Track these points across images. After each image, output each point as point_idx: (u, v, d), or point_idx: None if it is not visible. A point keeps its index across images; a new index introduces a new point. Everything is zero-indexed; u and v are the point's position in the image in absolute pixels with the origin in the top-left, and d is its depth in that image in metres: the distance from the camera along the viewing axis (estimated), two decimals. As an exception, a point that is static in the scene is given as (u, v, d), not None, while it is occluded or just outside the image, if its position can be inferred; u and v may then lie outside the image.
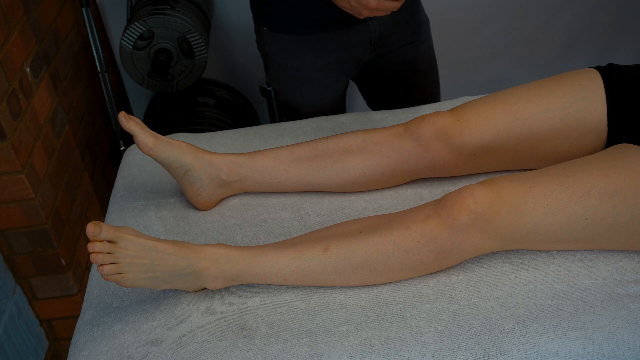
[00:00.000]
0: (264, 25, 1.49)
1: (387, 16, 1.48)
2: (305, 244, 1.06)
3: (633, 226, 1.01)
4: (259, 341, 0.99)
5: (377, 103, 1.70)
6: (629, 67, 1.17)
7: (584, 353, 0.94)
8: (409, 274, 1.05)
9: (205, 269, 1.04)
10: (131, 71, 1.90)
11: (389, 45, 1.54)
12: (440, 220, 1.01)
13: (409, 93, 1.65)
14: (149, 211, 1.30)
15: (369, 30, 1.48)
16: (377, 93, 1.68)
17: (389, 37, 1.52)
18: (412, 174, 1.26)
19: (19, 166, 1.46)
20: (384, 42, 1.53)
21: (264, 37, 1.52)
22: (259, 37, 1.55)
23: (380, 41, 1.51)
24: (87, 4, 1.89)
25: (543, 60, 2.55)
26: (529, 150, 1.19)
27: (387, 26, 1.50)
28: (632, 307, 0.97)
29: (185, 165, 1.21)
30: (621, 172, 1.01)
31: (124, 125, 1.15)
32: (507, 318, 0.98)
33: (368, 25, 1.47)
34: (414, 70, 1.61)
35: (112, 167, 2.25)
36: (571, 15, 2.45)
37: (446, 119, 1.21)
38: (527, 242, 1.04)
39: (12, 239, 1.57)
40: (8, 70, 1.44)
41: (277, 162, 1.27)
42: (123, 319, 1.07)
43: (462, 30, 2.38)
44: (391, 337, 0.98)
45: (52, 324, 1.75)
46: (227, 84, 2.28)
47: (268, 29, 1.49)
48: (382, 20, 1.47)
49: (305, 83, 1.55)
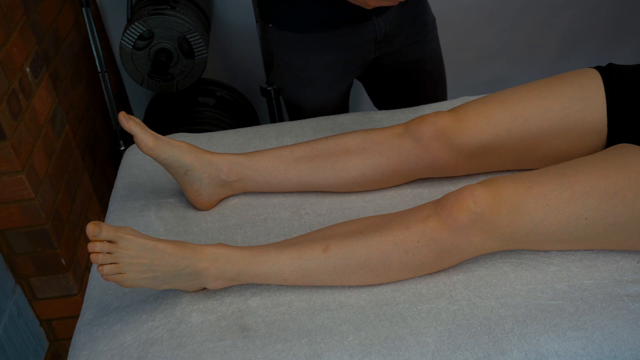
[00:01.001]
0: (270, 23, 1.49)
1: (393, 15, 1.48)
2: (305, 244, 1.06)
3: (633, 226, 1.01)
4: (259, 341, 0.99)
5: (383, 102, 1.70)
6: (629, 67, 1.17)
7: (584, 353, 0.94)
8: (409, 274, 1.05)
9: (205, 269, 1.04)
10: (131, 71, 1.90)
11: (394, 44, 1.54)
12: (440, 220, 1.01)
13: (414, 93, 1.65)
14: (149, 211, 1.30)
15: (374, 29, 1.48)
16: (382, 92, 1.68)
17: (395, 36, 1.52)
18: (412, 174, 1.26)
19: (19, 166, 1.46)
20: (390, 41, 1.52)
21: (270, 34, 1.52)
22: (264, 34, 1.55)
23: (386, 40, 1.51)
24: (87, 4, 1.89)
25: (543, 60, 2.55)
26: (529, 150, 1.19)
27: (392, 25, 1.50)
28: (632, 307, 0.97)
29: (185, 165, 1.21)
30: (621, 172, 1.01)
31: (124, 125, 1.15)
32: (507, 318, 0.98)
33: (374, 24, 1.47)
34: (420, 70, 1.60)
35: (112, 167, 2.25)
36: (571, 15, 2.45)
37: (446, 119, 1.21)
38: (527, 242, 1.04)
39: (12, 239, 1.57)
40: (8, 70, 1.44)
41: (277, 162, 1.27)
42: (123, 319, 1.07)
43: (462, 30, 2.38)
44: (391, 337, 0.98)
45: (52, 324, 1.75)
46: (227, 84, 2.28)
47: (274, 27, 1.49)
48: (388, 19, 1.47)
49: (310, 81, 1.55)
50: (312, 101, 1.59)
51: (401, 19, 1.50)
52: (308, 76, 1.53)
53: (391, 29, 1.50)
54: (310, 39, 1.48)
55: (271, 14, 1.50)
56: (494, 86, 2.51)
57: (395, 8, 1.48)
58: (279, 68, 1.57)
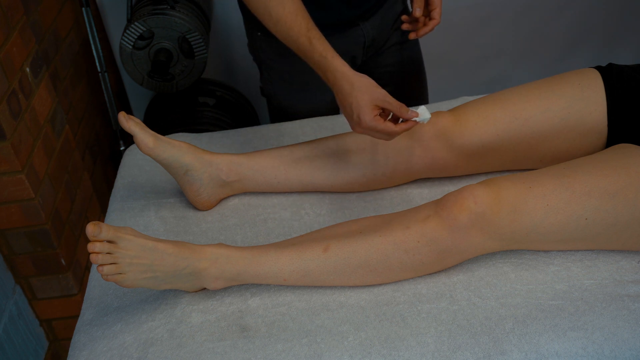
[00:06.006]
0: (258, 31, 1.48)
1: (379, 20, 1.48)
2: (305, 244, 1.06)
3: (633, 226, 1.01)
4: (259, 341, 0.99)
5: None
6: (629, 67, 1.17)
7: (584, 353, 0.94)
8: (409, 274, 1.05)
9: (205, 269, 1.04)
10: (131, 71, 1.90)
11: (379, 47, 1.54)
12: (440, 220, 1.01)
13: (394, 95, 1.64)
14: (149, 211, 1.30)
15: (362, 34, 1.47)
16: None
17: (380, 40, 1.52)
18: (412, 174, 1.26)
19: (19, 166, 1.46)
20: (376, 45, 1.53)
21: (258, 42, 1.51)
22: (253, 42, 1.54)
23: (373, 45, 1.51)
24: (87, 4, 1.89)
25: (543, 60, 2.55)
26: (529, 150, 1.19)
27: (379, 30, 1.50)
28: (633, 307, 0.97)
29: (185, 165, 1.21)
30: (621, 172, 1.01)
31: (123, 125, 1.15)
32: (507, 318, 0.98)
33: (361, 29, 1.47)
34: (400, 72, 1.60)
35: (112, 167, 2.25)
36: (571, 15, 2.45)
37: (446, 119, 1.21)
38: (527, 242, 1.04)
39: (12, 239, 1.57)
40: (8, 70, 1.44)
41: (277, 162, 1.27)
42: (123, 319, 1.07)
43: (462, 30, 2.38)
44: (391, 337, 0.98)
45: (52, 324, 1.75)
46: (227, 84, 2.28)
47: (262, 34, 1.48)
48: (375, 24, 1.47)
49: (301, 87, 1.54)
50: (305, 107, 1.58)
51: (386, 23, 1.50)
52: (299, 82, 1.52)
53: (378, 34, 1.50)
54: None
55: (258, 21, 1.50)
56: (494, 86, 2.51)
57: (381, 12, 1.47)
58: (269, 76, 1.56)
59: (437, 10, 1.25)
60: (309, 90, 1.54)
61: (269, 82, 1.58)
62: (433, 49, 2.01)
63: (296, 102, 1.57)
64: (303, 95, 1.55)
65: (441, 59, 2.34)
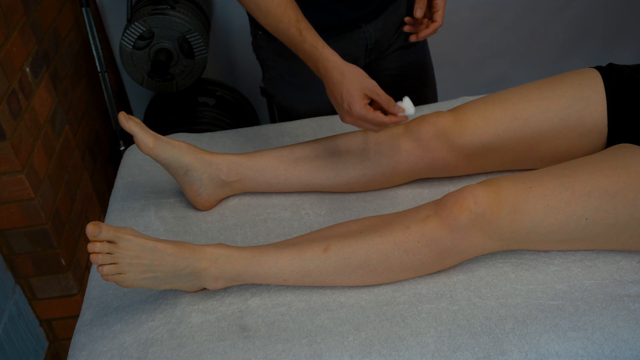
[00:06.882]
0: (260, 30, 1.49)
1: (382, 23, 1.47)
2: (305, 244, 1.06)
3: (633, 226, 1.01)
4: (259, 341, 0.99)
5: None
6: (629, 67, 1.17)
7: (585, 353, 0.94)
8: (409, 274, 1.05)
9: (205, 269, 1.04)
10: (131, 71, 1.90)
11: (382, 50, 1.54)
12: (440, 220, 1.01)
13: (398, 99, 1.63)
14: (149, 211, 1.30)
15: (364, 36, 1.47)
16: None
17: (383, 43, 1.52)
18: (412, 174, 1.26)
19: (19, 166, 1.46)
20: (379, 48, 1.52)
21: (260, 41, 1.51)
22: (255, 41, 1.54)
23: (376, 47, 1.51)
24: (87, 4, 1.89)
25: (543, 60, 2.55)
26: (529, 150, 1.19)
27: (382, 33, 1.49)
28: (633, 307, 0.97)
29: (185, 165, 1.21)
30: (622, 172, 1.01)
31: (123, 125, 1.15)
32: (508, 318, 0.98)
33: (363, 31, 1.46)
34: (404, 76, 1.59)
35: (112, 167, 2.25)
36: (571, 15, 2.45)
37: (446, 119, 1.21)
38: (527, 242, 1.04)
39: (12, 239, 1.57)
40: (8, 70, 1.44)
41: (277, 162, 1.27)
42: (123, 319, 1.07)
43: (462, 30, 2.38)
44: (391, 338, 0.98)
45: (52, 324, 1.75)
46: (227, 84, 2.28)
47: (263, 34, 1.48)
48: (378, 27, 1.47)
49: (301, 88, 1.54)
50: (305, 107, 1.58)
51: (390, 26, 1.50)
52: (299, 82, 1.52)
53: (381, 37, 1.50)
54: None
55: None
56: (494, 86, 2.51)
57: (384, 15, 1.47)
58: (270, 75, 1.56)
59: (440, 12, 1.25)
60: (309, 91, 1.54)
61: (269, 81, 1.58)
62: (433, 49, 2.01)
63: (296, 102, 1.57)
64: (303, 95, 1.56)
65: (441, 59, 2.34)
